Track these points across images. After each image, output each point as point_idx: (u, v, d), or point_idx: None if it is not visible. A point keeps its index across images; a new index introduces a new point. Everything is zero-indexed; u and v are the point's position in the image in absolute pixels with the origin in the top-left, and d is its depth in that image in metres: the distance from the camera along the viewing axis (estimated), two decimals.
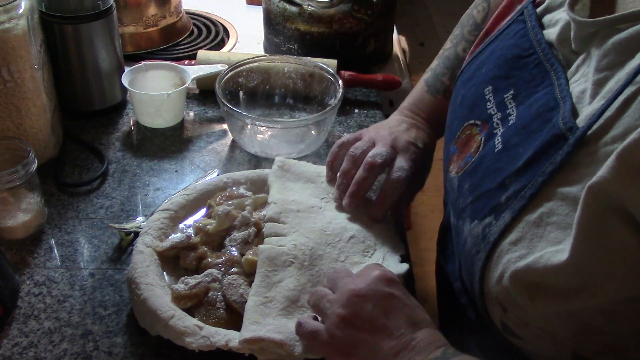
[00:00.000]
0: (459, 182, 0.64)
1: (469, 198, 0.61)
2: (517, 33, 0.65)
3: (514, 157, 0.56)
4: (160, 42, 1.25)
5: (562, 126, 0.52)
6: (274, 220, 0.76)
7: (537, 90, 0.58)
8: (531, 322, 0.53)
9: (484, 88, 0.65)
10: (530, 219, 0.52)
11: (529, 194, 0.53)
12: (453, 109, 0.72)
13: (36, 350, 0.68)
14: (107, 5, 0.98)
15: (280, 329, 0.65)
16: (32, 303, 0.73)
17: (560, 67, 0.58)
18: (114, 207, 0.88)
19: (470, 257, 0.58)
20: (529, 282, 0.51)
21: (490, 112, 0.63)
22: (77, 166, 0.95)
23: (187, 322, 0.66)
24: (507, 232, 0.54)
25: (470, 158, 0.63)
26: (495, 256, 0.55)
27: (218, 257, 0.74)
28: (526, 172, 0.54)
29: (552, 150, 0.52)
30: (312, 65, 1.03)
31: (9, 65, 0.83)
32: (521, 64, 0.62)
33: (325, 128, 0.98)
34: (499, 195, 0.56)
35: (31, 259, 0.79)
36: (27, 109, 0.87)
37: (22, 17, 0.83)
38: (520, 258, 0.52)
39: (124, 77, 1.01)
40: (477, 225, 0.58)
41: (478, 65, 0.69)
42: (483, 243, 0.56)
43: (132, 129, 1.04)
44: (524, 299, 0.52)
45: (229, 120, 0.99)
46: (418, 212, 2.11)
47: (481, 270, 0.56)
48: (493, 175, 0.58)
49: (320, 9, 1.12)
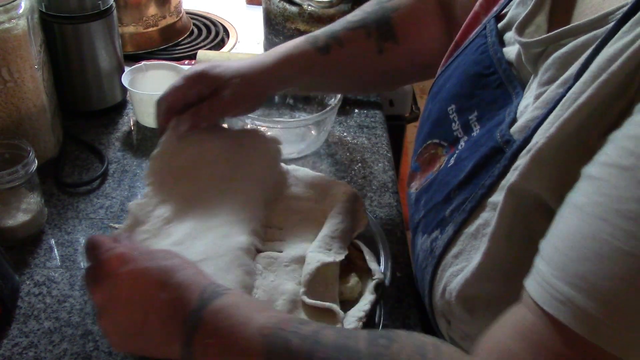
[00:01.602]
0: (416, 197, 0.65)
1: (421, 212, 0.62)
2: (478, 49, 0.64)
3: (460, 170, 0.57)
4: (160, 42, 1.25)
5: (499, 139, 0.53)
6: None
7: (498, 113, 0.58)
8: (473, 334, 0.53)
9: (447, 106, 0.65)
10: (469, 232, 0.53)
11: (469, 207, 0.54)
12: (421, 124, 0.71)
13: (36, 350, 0.68)
14: (107, 5, 0.98)
15: None
16: (32, 303, 0.73)
17: (519, 87, 0.57)
18: (114, 207, 0.88)
19: (422, 271, 0.60)
20: (465, 296, 0.52)
21: (456, 134, 0.62)
22: (77, 166, 0.95)
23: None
24: (450, 246, 0.55)
25: (431, 176, 0.64)
26: (440, 270, 0.56)
27: None
28: (468, 185, 0.55)
29: (491, 162, 0.53)
30: None
31: (9, 65, 0.83)
32: (482, 83, 0.61)
33: (325, 128, 0.98)
34: (445, 209, 0.57)
35: (31, 259, 0.79)
36: (27, 109, 0.87)
37: (22, 17, 0.83)
38: (460, 271, 0.53)
39: (124, 77, 1.01)
40: (427, 240, 0.59)
41: (444, 80, 0.68)
42: (430, 257, 0.57)
43: (132, 129, 1.04)
44: (462, 312, 0.53)
45: (228, 120, 0.99)
46: None
47: (429, 284, 0.57)
48: (442, 189, 0.59)
49: (320, 9, 1.12)
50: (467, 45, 0.67)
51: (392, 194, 0.91)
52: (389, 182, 0.93)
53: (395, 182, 0.94)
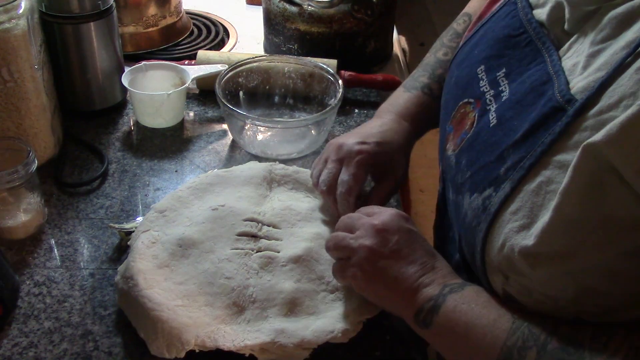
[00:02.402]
0: (457, 159, 0.66)
1: (467, 173, 0.62)
2: (508, 14, 0.67)
3: (510, 130, 0.58)
4: (160, 42, 1.25)
5: (560, 99, 0.54)
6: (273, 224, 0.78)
7: (529, 68, 0.60)
8: (533, 288, 0.55)
9: (477, 68, 0.67)
10: (529, 189, 0.54)
11: (528, 164, 0.54)
12: (447, 90, 0.74)
13: (36, 350, 0.68)
14: (107, 5, 0.98)
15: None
16: (32, 303, 0.73)
17: (551, 45, 0.59)
18: (114, 207, 0.88)
19: (471, 229, 0.60)
20: (530, 251, 0.52)
21: (483, 89, 0.65)
22: (77, 166, 0.95)
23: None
24: (508, 203, 0.55)
25: (466, 135, 0.65)
26: (497, 226, 0.56)
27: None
28: (524, 144, 0.55)
29: (550, 121, 0.54)
30: (312, 65, 1.03)
31: (9, 65, 0.83)
32: (512, 43, 0.64)
33: (325, 128, 0.98)
34: (498, 168, 0.57)
35: (31, 259, 0.79)
36: (27, 109, 0.87)
37: (22, 17, 0.83)
38: (522, 228, 0.53)
39: (124, 77, 1.01)
40: (477, 198, 0.59)
41: (471, 47, 0.71)
42: (484, 215, 0.57)
43: (132, 129, 1.04)
44: (525, 266, 0.53)
45: (229, 120, 0.99)
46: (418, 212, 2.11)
47: (483, 241, 0.57)
48: (490, 149, 0.59)
49: (320, 9, 1.12)
50: (495, 13, 0.70)
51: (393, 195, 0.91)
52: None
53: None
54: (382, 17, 1.16)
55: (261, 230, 0.77)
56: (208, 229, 0.76)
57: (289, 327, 0.67)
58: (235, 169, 0.86)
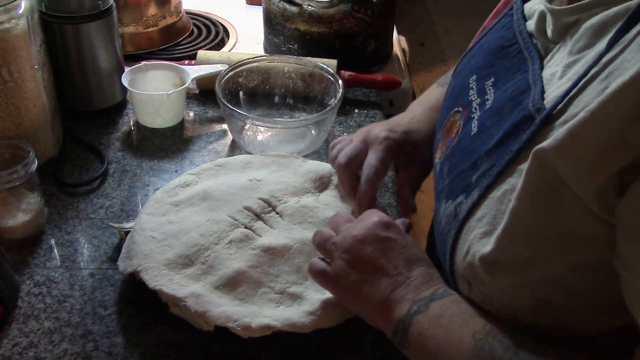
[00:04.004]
0: (441, 167, 0.67)
1: (446, 180, 0.64)
2: (504, 26, 0.68)
3: (487, 138, 0.58)
4: (160, 42, 1.25)
5: (532, 108, 0.54)
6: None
7: (514, 77, 0.60)
8: (494, 297, 0.56)
9: (469, 78, 0.68)
10: (495, 196, 0.54)
11: (496, 172, 0.55)
12: (444, 101, 0.75)
13: (36, 350, 0.68)
14: (107, 5, 0.98)
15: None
16: (32, 303, 0.73)
17: (536, 55, 0.60)
18: (114, 207, 0.88)
19: (444, 235, 0.61)
20: (489, 259, 0.53)
21: (471, 98, 0.65)
22: (77, 166, 0.95)
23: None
24: (475, 210, 0.56)
25: (451, 143, 0.66)
26: (464, 233, 0.57)
27: None
28: (496, 152, 0.56)
29: (520, 130, 0.54)
30: (312, 65, 1.03)
31: (9, 65, 0.83)
32: (503, 53, 0.65)
33: (325, 128, 0.98)
34: (471, 175, 0.58)
35: (31, 259, 0.79)
36: (27, 109, 0.87)
37: (22, 17, 0.83)
38: (484, 234, 0.54)
39: (124, 77, 1.01)
40: (451, 205, 0.60)
41: (469, 58, 0.72)
42: (454, 221, 0.59)
43: (132, 129, 1.04)
44: (484, 275, 0.54)
45: (229, 120, 0.99)
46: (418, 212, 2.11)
47: (451, 247, 0.59)
48: (468, 157, 0.60)
49: (320, 9, 1.12)
50: (494, 25, 0.71)
51: (392, 194, 0.91)
52: (389, 182, 0.93)
53: (395, 182, 0.94)
54: (382, 17, 1.16)
55: (267, 214, 0.78)
56: (231, 192, 0.80)
57: (208, 297, 0.68)
58: (297, 159, 0.88)
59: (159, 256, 0.72)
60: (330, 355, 0.69)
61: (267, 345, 0.68)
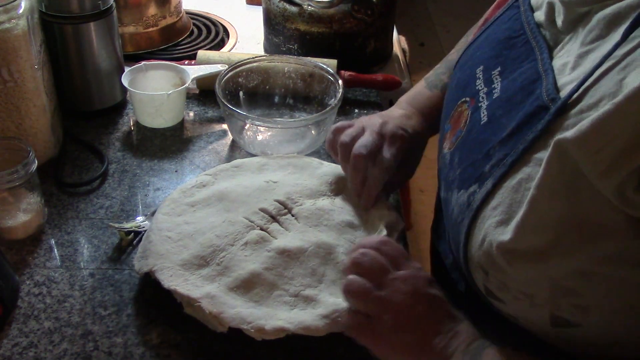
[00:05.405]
0: (451, 157, 0.66)
1: (457, 170, 0.63)
2: (511, 18, 0.68)
3: (499, 127, 0.58)
4: (160, 42, 1.25)
5: (546, 97, 0.54)
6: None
7: (521, 66, 0.60)
8: (510, 284, 0.55)
9: (476, 68, 0.68)
10: (510, 185, 0.54)
11: (510, 161, 0.55)
12: (449, 92, 0.75)
13: (36, 350, 0.68)
14: (107, 5, 0.98)
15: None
16: (32, 303, 0.73)
17: (544, 44, 0.60)
18: (114, 207, 0.88)
19: (456, 225, 0.61)
20: (507, 247, 0.53)
21: (477, 87, 0.66)
22: (77, 166, 0.95)
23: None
24: (489, 199, 0.56)
25: (460, 132, 0.66)
26: (478, 222, 0.57)
27: None
28: (509, 141, 0.56)
29: (534, 120, 0.54)
30: (312, 65, 1.03)
31: (9, 65, 0.83)
32: (510, 44, 0.65)
33: (325, 128, 0.98)
34: (484, 165, 0.58)
35: (31, 259, 0.79)
36: (27, 109, 0.87)
37: (22, 17, 0.83)
38: (500, 223, 0.54)
39: (124, 77, 1.01)
40: (463, 194, 0.60)
41: (473, 50, 0.72)
42: (467, 210, 0.58)
43: (132, 129, 1.04)
44: (502, 262, 0.54)
45: (229, 120, 0.99)
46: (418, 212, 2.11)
47: (465, 236, 0.58)
48: (479, 147, 0.60)
49: (320, 9, 1.12)
50: (499, 17, 0.71)
51: (393, 194, 0.91)
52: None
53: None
54: (382, 17, 1.16)
55: (283, 216, 0.78)
56: (247, 194, 0.80)
57: (222, 298, 0.68)
58: (313, 161, 0.88)
59: (175, 256, 0.72)
60: (332, 354, 0.69)
61: (267, 345, 0.68)
